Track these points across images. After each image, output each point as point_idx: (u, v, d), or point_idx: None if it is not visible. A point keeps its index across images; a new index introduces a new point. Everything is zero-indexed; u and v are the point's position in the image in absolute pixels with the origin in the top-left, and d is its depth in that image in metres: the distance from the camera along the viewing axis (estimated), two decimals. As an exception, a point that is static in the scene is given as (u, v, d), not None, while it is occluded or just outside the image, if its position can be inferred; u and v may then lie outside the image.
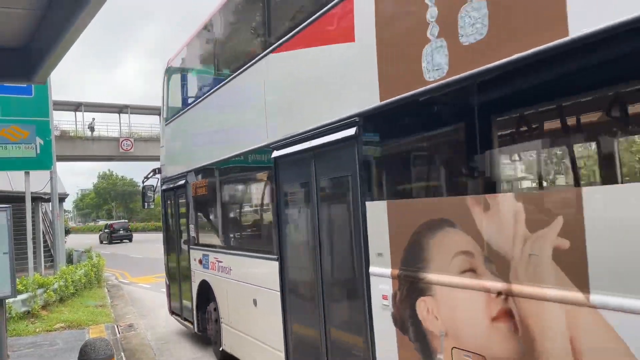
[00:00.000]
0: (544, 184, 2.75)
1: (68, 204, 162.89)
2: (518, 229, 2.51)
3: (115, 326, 9.64)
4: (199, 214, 7.67)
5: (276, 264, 5.10)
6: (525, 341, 2.46)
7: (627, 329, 2.08)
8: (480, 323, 2.77)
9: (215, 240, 7.03)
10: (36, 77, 5.03)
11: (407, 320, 3.28)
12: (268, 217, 5.42)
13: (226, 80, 6.28)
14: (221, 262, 6.75)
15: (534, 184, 2.74)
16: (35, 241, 17.21)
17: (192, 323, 8.11)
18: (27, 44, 4.79)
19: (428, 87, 3.11)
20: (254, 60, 5.44)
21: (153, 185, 9.73)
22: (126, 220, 56.53)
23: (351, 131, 3.76)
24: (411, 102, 3.19)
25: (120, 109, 45.33)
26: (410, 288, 3.31)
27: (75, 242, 45.07)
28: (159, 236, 10.53)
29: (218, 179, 6.85)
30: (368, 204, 3.71)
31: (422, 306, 3.20)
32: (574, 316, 2.25)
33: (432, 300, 3.10)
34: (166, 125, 9.06)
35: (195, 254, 7.72)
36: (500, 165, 2.80)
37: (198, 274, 7.66)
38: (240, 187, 6.33)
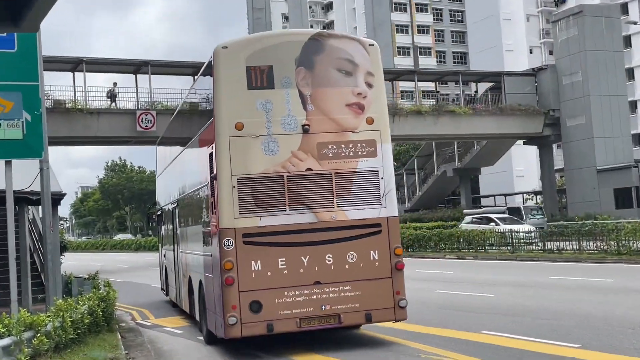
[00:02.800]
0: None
1: (64, 209, 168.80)
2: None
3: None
4: (161, 230, 23.30)
5: (171, 252, 19.80)
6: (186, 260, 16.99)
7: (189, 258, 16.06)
8: (174, 260, 19.39)
9: (164, 243, 22.09)
10: (24, 21, 5.05)
11: (179, 263, 18.42)
12: (171, 233, 19.68)
13: (163, 169, 22.23)
14: (164, 254, 22.14)
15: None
16: (20, 262, 16.24)
17: (164, 290, 21.97)
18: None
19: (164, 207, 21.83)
20: (162, 169, 22.78)
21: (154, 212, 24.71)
22: None
23: (175, 204, 18.49)
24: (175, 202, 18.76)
25: (137, 68, 41.67)
26: (178, 253, 18.33)
27: (76, 263, 41.41)
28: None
29: (159, 214, 23.69)
30: (178, 228, 18.44)
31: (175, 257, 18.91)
32: (187, 256, 16.52)
33: (176, 255, 18.60)
34: (157, 177, 24.28)
35: (162, 251, 22.87)
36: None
37: (163, 261, 22.52)
38: (164, 219, 22.11)
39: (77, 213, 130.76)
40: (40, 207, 16.61)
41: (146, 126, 39.41)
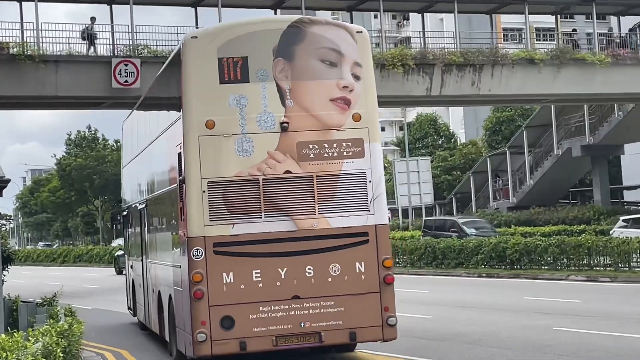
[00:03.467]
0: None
1: (7, 202, 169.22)
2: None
3: None
4: (127, 235, 28.45)
5: (139, 263, 24.07)
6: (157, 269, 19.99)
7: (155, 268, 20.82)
8: (142, 272, 23.66)
9: (131, 251, 26.87)
10: None
11: (148, 275, 22.31)
12: (139, 239, 24.22)
13: (130, 160, 26.15)
14: (131, 264, 26.56)
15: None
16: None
17: (130, 309, 26.16)
18: None
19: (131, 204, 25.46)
20: (127, 162, 27.41)
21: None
22: None
23: (143, 204, 22.64)
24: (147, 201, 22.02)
25: (112, -5, 38.54)
26: (143, 264, 23.06)
27: (25, 282, 42.96)
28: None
29: (125, 215, 28.19)
30: (146, 233, 22.71)
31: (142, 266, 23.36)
32: (157, 267, 20.30)
33: (143, 265, 23.00)
34: (123, 168, 27.90)
35: (129, 261, 27.54)
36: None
37: (130, 273, 26.83)
38: (131, 221, 26.72)
39: (25, 208, 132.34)
40: (-26, 199, 16.96)
41: (126, 81, 39.06)
